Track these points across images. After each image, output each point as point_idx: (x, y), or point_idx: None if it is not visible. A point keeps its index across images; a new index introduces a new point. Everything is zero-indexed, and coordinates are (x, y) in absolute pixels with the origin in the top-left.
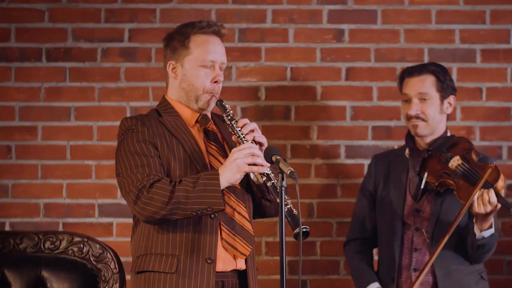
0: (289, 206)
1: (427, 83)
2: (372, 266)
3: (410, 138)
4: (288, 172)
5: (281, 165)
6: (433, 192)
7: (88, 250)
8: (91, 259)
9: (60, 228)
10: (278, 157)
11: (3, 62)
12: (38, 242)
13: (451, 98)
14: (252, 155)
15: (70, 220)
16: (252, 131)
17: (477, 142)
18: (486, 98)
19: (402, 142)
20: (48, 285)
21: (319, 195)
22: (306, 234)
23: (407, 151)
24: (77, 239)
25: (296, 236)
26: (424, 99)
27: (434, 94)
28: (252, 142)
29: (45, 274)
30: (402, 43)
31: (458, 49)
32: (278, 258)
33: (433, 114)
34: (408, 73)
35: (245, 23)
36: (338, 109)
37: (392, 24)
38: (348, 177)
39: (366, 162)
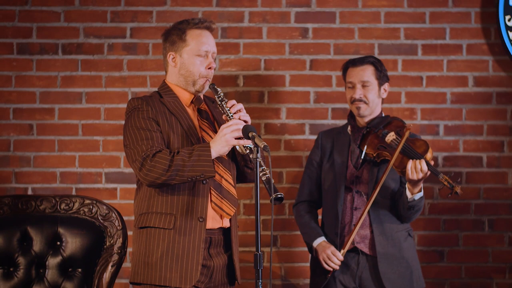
0: (268, 176)
1: (367, 72)
2: (318, 224)
3: (352, 117)
4: (262, 146)
5: (256, 140)
6: (371, 162)
7: (97, 211)
8: (99, 218)
9: (73, 192)
10: (253, 134)
11: (26, 55)
12: (55, 204)
13: (386, 85)
14: (238, 130)
15: (82, 185)
16: (239, 110)
17: (418, 121)
18: (426, 84)
19: None
20: (64, 239)
21: (287, 165)
22: (281, 199)
23: (349, 128)
24: (87, 201)
25: (273, 200)
26: (366, 86)
27: (373, 81)
28: (238, 120)
29: (61, 230)
30: (357, 39)
31: (403, 44)
32: (253, 217)
33: (372, 98)
34: (352, 63)
35: (226, 23)
36: (303, 94)
37: (348, 24)
38: None
39: None
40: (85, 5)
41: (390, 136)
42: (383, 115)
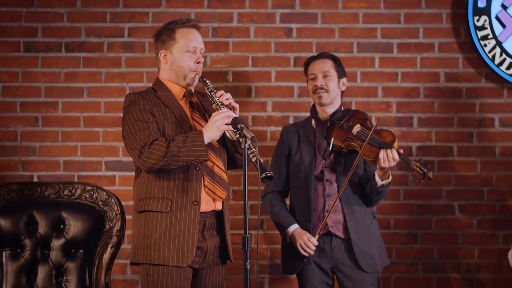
0: (256, 157)
1: (328, 64)
2: (288, 212)
3: (314, 111)
4: (250, 137)
5: (245, 132)
6: (338, 153)
7: (97, 196)
8: (99, 203)
9: (76, 179)
10: (242, 125)
11: (32, 53)
12: (58, 190)
13: (344, 80)
14: (228, 117)
15: (83, 173)
16: (228, 99)
17: (394, 114)
18: (401, 80)
19: None
20: (66, 223)
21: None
22: (270, 177)
23: (313, 121)
24: (88, 188)
25: (262, 179)
26: (327, 76)
27: (333, 73)
28: (227, 108)
29: (64, 214)
30: (337, 38)
31: (380, 42)
32: (242, 202)
33: (333, 87)
34: (313, 58)
35: (217, 23)
36: (288, 89)
37: (329, 24)
38: None
39: None
40: (87, 6)
41: (356, 128)
42: (342, 108)
